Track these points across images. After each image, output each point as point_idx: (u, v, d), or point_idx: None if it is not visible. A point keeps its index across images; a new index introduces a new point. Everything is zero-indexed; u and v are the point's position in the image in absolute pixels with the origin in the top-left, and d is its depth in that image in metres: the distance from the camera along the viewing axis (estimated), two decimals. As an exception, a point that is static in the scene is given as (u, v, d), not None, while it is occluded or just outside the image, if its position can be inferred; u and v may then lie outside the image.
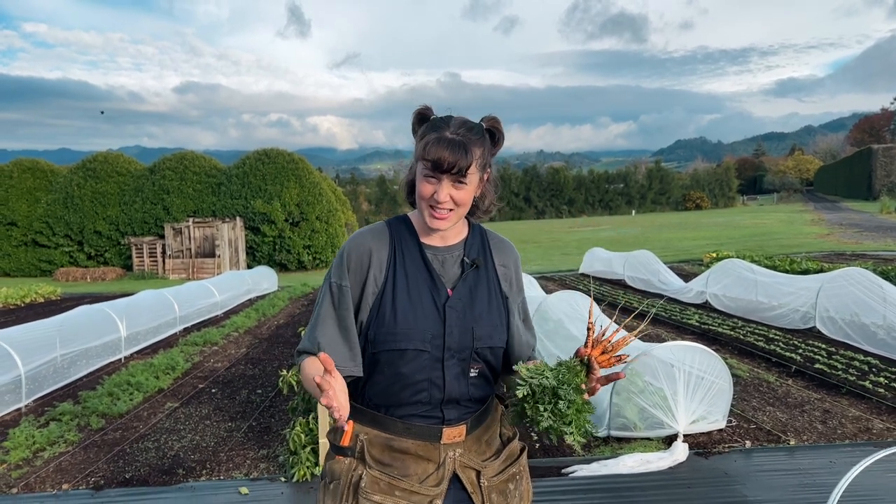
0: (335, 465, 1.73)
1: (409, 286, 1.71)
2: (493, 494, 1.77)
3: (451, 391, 1.71)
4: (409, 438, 1.72)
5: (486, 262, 1.81)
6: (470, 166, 1.63)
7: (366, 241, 1.75)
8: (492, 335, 1.75)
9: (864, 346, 7.68)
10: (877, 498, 3.95)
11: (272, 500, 4.30)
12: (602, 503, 4.04)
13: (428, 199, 1.67)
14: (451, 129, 1.65)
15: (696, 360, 4.94)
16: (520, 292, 1.88)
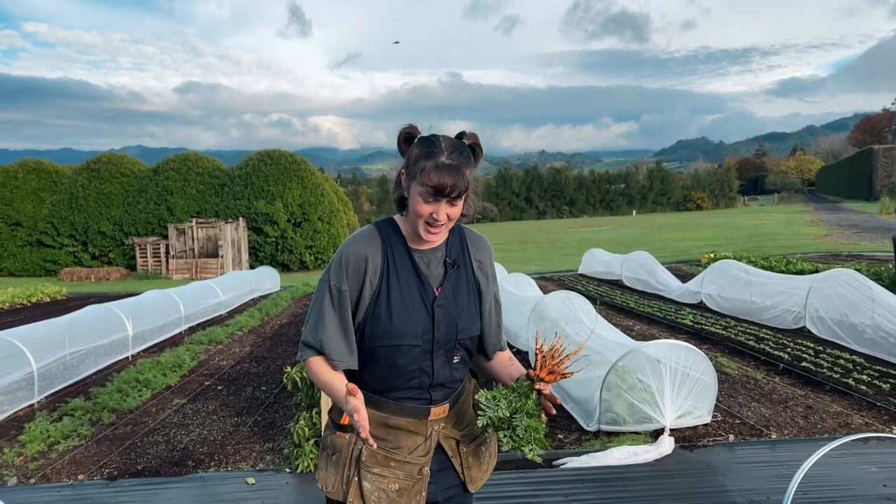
0: (336, 440, 1.99)
1: (402, 288, 1.94)
2: (470, 458, 2.08)
3: (439, 377, 1.96)
4: (401, 417, 1.98)
5: (464, 260, 2.04)
6: (465, 187, 1.85)
7: (361, 248, 1.96)
8: (471, 326, 2.00)
9: (851, 346, 7.89)
10: (849, 487, 4.17)
11: (278, 489, 4.54)
12: (591, 492, 4.27)
13: (426, 217, 1.86)
14: (445, 154, 1.82)
15: (682, 357, 5.17)
16: (493, 281, 2.11)
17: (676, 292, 13.11)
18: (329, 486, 2.00)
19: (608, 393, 5.36)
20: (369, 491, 1.93)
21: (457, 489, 2.09)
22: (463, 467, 2.07)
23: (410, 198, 1.89)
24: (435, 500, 2.04)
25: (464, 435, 2.07)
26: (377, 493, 1.93)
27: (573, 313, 7.51)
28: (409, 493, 1.96)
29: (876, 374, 6.62)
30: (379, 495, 1.93)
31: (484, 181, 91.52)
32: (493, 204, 77.23)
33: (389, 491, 1.94)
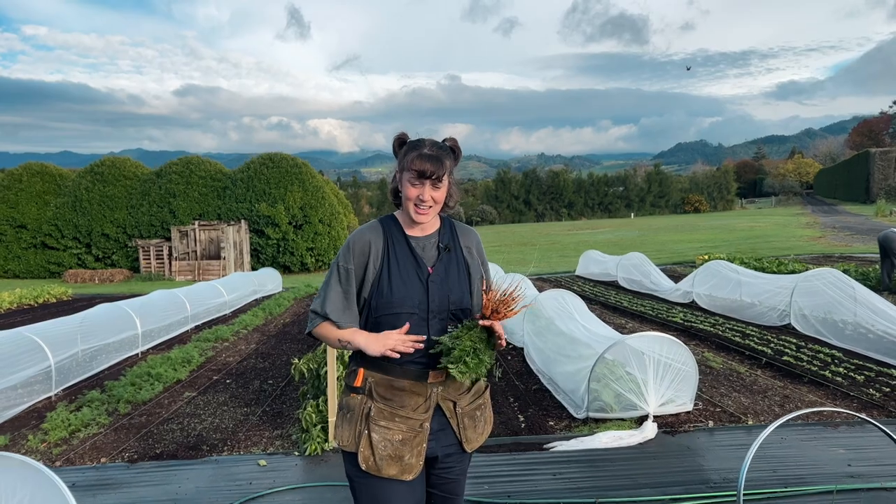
0: (350, 401, 2.35)
1: (400, 267, 2.33)
2: (465, 418, 2.42)
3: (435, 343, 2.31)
4: (405, 379, 2.33)
5: (455, 246, 2.43)
6: (444, 174, 2.28)
7: (366, 235, 2.38)
8: (461, 299, 2.37)
9: (833, 342, 8.24)
10: (817, 466, 4.52)
11: (288, 470, 4.88)
12: (578, 471, 4.61)
13: (414, 200, 2.29)
14: (428, 147, 2.30)
15: (665, 348, 5.53)
16: (483, 264, 2.49)
17: (669, 292, 13.46)
18: (344, 440, 2.36)
19: (596, 383, 5.71)
20: (376, 441, 2.29)
21: (455, 448, 2.44)
22: (459, 428, 2.42)
23: (402, 186, 2.32)
24: (435, 454, 2.40)
25: (461, 398, 2.42)
26: (383, 443, 2.29)
27: (566, 310, 7.86)
28: (410, 444, 2.32)
29: (852, 367, 6.97)
30: (385, 444, 2.29)
31: (483, 184, 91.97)
32: (492, 207, 77.60)
33: (394, 441, 2.30)
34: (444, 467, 2.45)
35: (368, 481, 2.34)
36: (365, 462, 2.31)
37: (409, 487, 2.35)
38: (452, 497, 2.51)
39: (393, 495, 2.33)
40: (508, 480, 4.51)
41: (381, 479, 2.32)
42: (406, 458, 2.31)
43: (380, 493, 2.33)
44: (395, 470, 2.30)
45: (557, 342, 7.15)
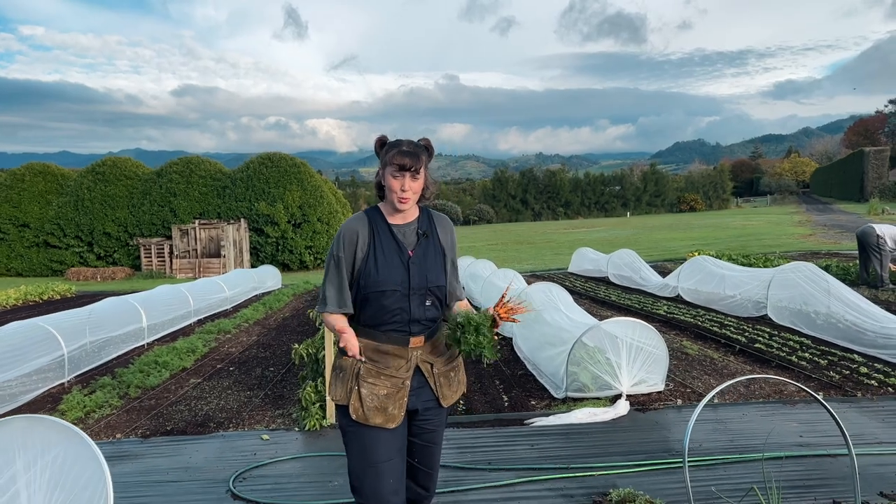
0: (343, 362, 2.79)
1: (384, 251, 2.76)
2: (441, 378, 2.87)
3: (415, 314, 2.76)
4: (389, 344, 2.77)
5: (432, 233, 2.86)
6: (421, 167, 2.72)
7: (354, 226, 2.82)
8: (438, 278, 2.81)
9: (804, 331, 8.68)
10: (773, 437, 4.97)
11: (289, 443, 5.33)
12: (553, 442, 5.06)
13: (396, 190, 2.72)
14: (406, 145, 2.75)
15: (638, 333, 5.98)
16: (453, 250, 2.93)
17: (656, 287, 13.90)
18: (337, 395, 2.80)
19: (575, 366, 6.15)
20: (365, 395, 2.73)
21: (433, 403, 2.88)
22: (436, 385, 2.86)
23: (385, 180, 2.76)
24: (416, 408, 2.84)
25: (437, 360, 2.87)
26: (371, 396, 2.73)
27: (552, 301, 8.30)
28: (394, 398, 2.76)
29: (818, 353, 7.43)
30: (372, 398, 2.73)
31: (481, 184, 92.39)
32: (489, 206, 78.01)
33: (380, 395, 2.74)
34: (423, 419, 2.89)
35: (358, 429, 2.78)
36: (355, 413, 2.75)
37: (392, 434, 2.79)
38: (431, 445, 2.95)
39: (378, 441, 2.77)
40: (490, 450, 4.96)
41: (369, 427, 2.76)
42: (390, 409, 2.76)
43: (367, 439, 2.77)
44: (380, 419, 2.74)
45: (542, 331, 7.58)
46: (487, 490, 4.23)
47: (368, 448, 2.76)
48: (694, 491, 3.99)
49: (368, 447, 2.76)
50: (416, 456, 2.94)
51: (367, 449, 2.76)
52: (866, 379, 6.35)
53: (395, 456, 2.79)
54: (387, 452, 2.76)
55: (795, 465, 4.43)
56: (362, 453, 2.76)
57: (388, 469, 2.76)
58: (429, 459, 2.96)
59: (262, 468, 4.81)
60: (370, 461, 2.74)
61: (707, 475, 4.32)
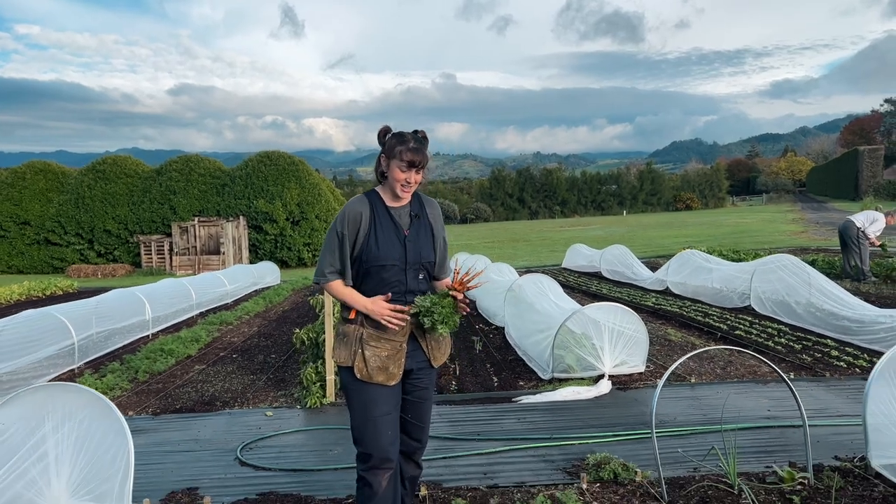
0: (346, 329, 3.13)
1: (384, 230, 3.11)
2: (432, 342, 3.22)
3: (410, 286, 3.12)
4: None
5: (423, 214, 3.21)
6: (426, 163, 3.06)
7: (356, 207, 3.16)
8: (429, 254, 3.17)
9: (785, 320, 9.04)
10: (744, 412, 5.33)
11: (291, 419, 5.68)
12: (539, 416, 5.42)
13: (402, 182, 3.06)
14: (412, 142, 3.06)
15: (619, 317, 6.34)
16: (442, 229, 3.28)
17: (647, 281, 14.28)
18: (341, 358, 3.15)
19: (561, 350, 6.52)
20: (368, 356, 3.08)
21: (425, 363, 3.24)
22: (428, 348, 3.22)
23: (390, 171, 3.09)
24: (410, 367, 3.19)
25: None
26: (374, 357, 3.08)
27: (542, 291, 8.66)
28: (393, 358, 3.11)
29: (794, 338, 7.80)
30: (375, 359, 3.08)
31: (478, 183, 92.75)
32: (486, 205, 78.34)
33: (381, 356, 3.09)
34: (416, 378, 3.25)
35: (361, 387, 3.12)
36: (360, 372, 3.10)
37: (391, 391, 3.14)
38: (422, 402, 3.31)
39: (379, 397, 3.12)
40: (479, 423, 5.32)
41: (371, 384, 3.11)
42: (390, 368, 3.11)
43: (369, 395, 3.12)
44: (382, 377, 3.10)
45: (532, 318, 7.94)
46: (475, 457, 4.59)
47: (370, 403, 3.11)
48: (665, 456, 4.36)
49: (370, 403, 3.11)
50: (409, 412, 3.29)
51: (369, 404, 3.11)
52: (836, 361, 6.72)
53: (392, 411, 3.15)
54: (386, 407, 3.12)
55: (761, 435, 4.80)
56: (364, 408, 3.11)
57: (386, 422, 3.11)
58: (420, 415, 3.31)
59: (267, 440, 5.16)
60: (371, 415, 3.09)
61: (680, 443, 4.68)
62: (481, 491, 3.95)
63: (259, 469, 4.55)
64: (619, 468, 4.09)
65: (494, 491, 3.94)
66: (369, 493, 3.09)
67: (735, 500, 3.62)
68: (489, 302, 10.99)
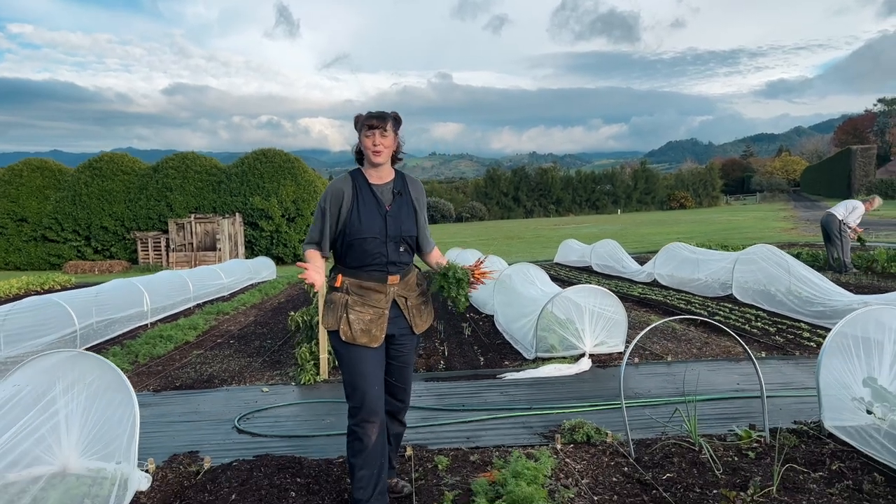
0: (333, 296, 3.42)
1: (366, 205, 3.38)
2: (414, 309, 3.49)
3: (391, 257, 3.40)
4: (371, 281, 3.40)
5: (405, 192, 3.48)
6: (387, 124, 3.32)
7: (339, 185, 3.42)
8: (410, 229, 3.44)
9: (764, 307, 9.36)
10: (715, 385, 5.63)
11: (286, 394, 5.97)
12: (521, 391, 5.72)
13: (369, 147, 3.32)
14: (373, 112, 3.36)
15: (599, 299, 6.65)
16: (424, 208, 3.56)
17: (635, 273, 14.60)
18: (329, 322, 3.43)
19: (544, 331, 6.82)
20: (353, 320, 3.37)
21: (406, 330, 3.52)
22: (410, 316, 3.50)
23: (361, 143, 3.37)
24: (392, 333, 3.47)
25: (410, 295, 3.50)
26: (357, 321, 3.37)
27: (528, 279, 8.96)
28: (376, 322, 3.39)
29: (770, 322, 8.12)
30: (358, 322, 3.36)
31: (473, 182, 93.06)
32: (482, 203, 78.62)
33: (364, 320, 3.38)
34: (399, 343, 3.53)
35: (349, 349, 3.41)
36: (345, 335, 3.38)
37: (375, 353, 3.43)
38: (405, 366, 3.59)
39: (365, 357, 3.40)
40: (464, 397, 5.62)
41: (357, 346, 3.39)
42: (373, 331, 3.40)
43: (356, 355, 3.41)
44: (365, 339, 3.39)
45: (519, 303, 8.24)
46: (459, 424, 4.89)
47: (357, 362, 3.39)
48: (637, 423, 4.68)
49: (357, 361, 3.39)
50: (393, 375, 3.57)
51: (356, 362, 3.39)
52: (807, 342, 7.04)
53: (378, 370, 3.44)
54: (372, 365, 3.41)
55: (728, 404, 5.11)
56: (353, 367, 3.40)
57: (373, 379, 3.40)
58: (403, 377, 3.60)
59: (263, 411, 5.46)
60: (360, 372, 3.38)
61: (651, 412, 4.98)
62: (463, 451, 4.25)
63: (256, 436, 4.84)
64: (592, 431, 4.40)
65: (475, 451, 4.24)
66: (360, 446, 3.35)
67: (695, 456, 3.92)
68: (479, 292, 11.27)
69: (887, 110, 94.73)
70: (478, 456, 4.12)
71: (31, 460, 3.84)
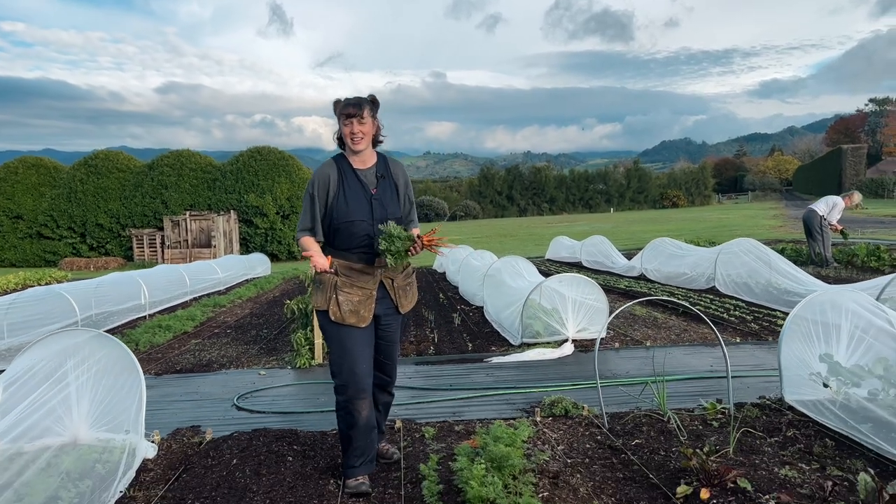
0: (322, 277, 3.66)
1: (352, 190, 3.60)
2: (399, 290, 3.72)
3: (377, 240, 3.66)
4: (359, 263, 3.64)
5: (388, 175, 3.74)
6: (364, 111, 3.52)
7: (325, 171, 3.63)
8: (395, 211, 3.67)
9: (745, 298, 9.68)
10: (690, 366, 5.94)
11: (282, 377, 6.26)
12: (507, 372, 6.02)
13: (348, 135, 3.53)
14: (350, 99, 3.54)
15: (582, 287, 6.96)
16: (407, 188, 3.81)
17: (623, 268, 14.92)
18: (318, 302, 3.67)
19: (529, 319, 7.12)
20: (342, 301, 3.60)
21: (392, 310, 3.76)
22: (396, 296, 3.76)
23: (341, 131, 3.57)
24: (379, 313, 3.70)
25: (396, 276, 3.74)
26: (346, 302, 3.60)
27: (516, 271, 9.26)
28: (364, 303, 3.63)
29: (748, 312, 8.44)
30: (347, 303, 3.59)
31: (468, 181, 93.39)
32: (475, 202, 78.93)
33: (353, 301, 3.62)
34: (385, 323, 3.76)
35: (337, 328, 3.64)
36: (334, 315, 3.62)
37: (363, 332, 3.65)
38: (392, 344, 3.80)
39: (352, 336, 3.63)
40: (452, 378, 5.92)
41: (345, 325, 3.64)
42: (361, 312, 3.64)
43: (344, 334, 3.64)
44: (353, 319, 3.62)
45: (506, 293, 8.54)
46: (447, 401, 5.18)
47: (345, 341, 3.62)
48: (613, 400, 4.98)
49: (345, 340, 3.62)
50: (381, 352, 3.80)
51: (344, 342, 3.62)
52: (781, 329, 7.34)
53: (365, 348, 3.65)
54: (359, 345, 3.62)
55: (699, 384, 5.43)
56: (340, 346, 3.63)
57: (360, 357, 3.61)
58: (390, 354, 3.82)
59: (261, 391, 5.74)
60: (346, 351, 3.60)
61: (628, 390, 5.28)
62: (448, 423, 4.54)
63: (254, 412, 5.13)
64: (569, 406, 4.70)
65: (460, 423, 4.53)
66: (351, 420, 3.57)
67: (664, 425, 4.23)
68: (469, 285, 11.58)
69: (878, 110, 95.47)
70: (462, 427, 4.42)
71: (41, 431, 4.09)
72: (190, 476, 3.74)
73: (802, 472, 3.41)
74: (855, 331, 4.48)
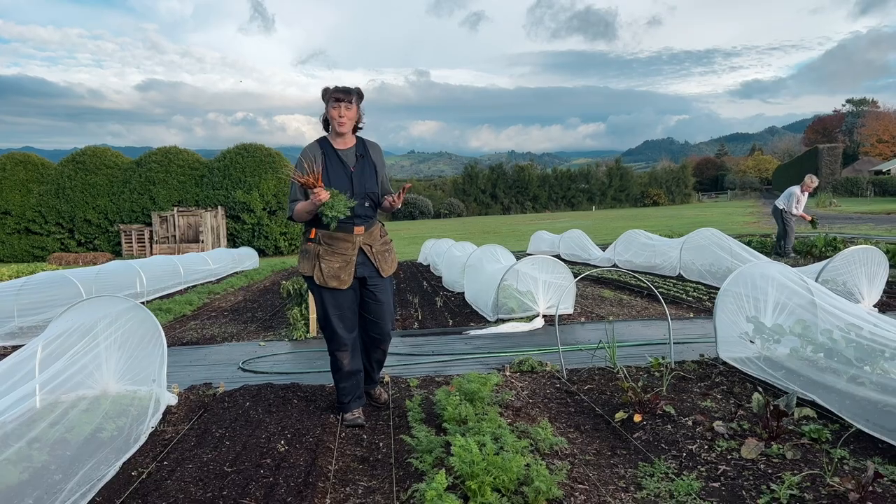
0: (308, 247, 4.27)
1: (334, 167, 4.22)
2: (378, 255, 4.32)
3: (357, 211, 4.22)
4: (339, 232, 4.24)
5: (367, 155, 4.35)
6: (352, 98, 4.13)
7: (311, 150, 4.18)
8: (372, 187, 4.26)
9: (708, 282, 10.45)
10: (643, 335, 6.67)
11: (280, 347, 6.93)
12: (483, 342, 6.72)
13: (335, 117, 4.11)
14: (340, 86, 4.15)
15: (551, 266, 7.69)
16: (383, 167, 4.40)
17: (598, 260, 15.69)
18: (304, 269, 4.27)
19: (505, 298, 7.83)
20: (324, 267, 4.20)
21: (374, 273, 4.32)
22: (376, 261, 4.37)
23: (328, 113, 4.14)
24: (363, 276, 4.30)
25: (374, 243, 4.31)
26: (328, 268, 4.21)
27: (494, 257, 9.96)
28: (344, 269, 4.22)
29: (706, 293, 9.21)
30: (329, 269, 4.19)
31: (452, 179, 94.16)
32: (460, 200, 79.66)
33: (334, 267, 4.22)
34: (371, 285, 4.35)
35: (323, 290, 4.21)
36: (318, 279, 4.21)
37: (345, 294, 4.19)
38: (380, 303, 4.38)
39: (336, 297, 4.20)
40: (435, 346, 6.63)
41: (329, 288, 4.23)
42: (342, 276, 4.23)
43: (327, 296, 4.22)
44: (335, 283, 4.20)
45: (483, 277, 9.25)
46: (430, 364, 5.88)
47: (328, 301, 4.21)
48: (574, 360, 5.68)
49: (329, 301, 4.21)
50: (370, 311, 4.40)
51: (328, 302, 4.21)
52: (732, 306, 8.11)
53: (348, 308, 4.23)
54: (342, 304, 4.20)
55: (652, 349, 6.14)
56: (324, 305, 4.21)
57: (344, 315, 4.21)
58: (380, 313, 4.40)
59: (263, 357, 6.42)
60: (330, 310, 4.20)
61: (587, 354, 6.00)
62: (431, 377, 5.25)
63: (258, 373, 5.81)
64: (535, 364, 5.42)
65: (440, 376, 5.24)
66: (339, 365, 4.26)
67: (613, 376, 4.95)
68: (452, 273, 12.28)
69: (855, 110, 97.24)
70: (442, 379, 5.13)
71: (75, 385, 4.72)
72: (210, 415, 4.42)
73: (719, 403, 4.15)
74: (780, 297, 5.24)
